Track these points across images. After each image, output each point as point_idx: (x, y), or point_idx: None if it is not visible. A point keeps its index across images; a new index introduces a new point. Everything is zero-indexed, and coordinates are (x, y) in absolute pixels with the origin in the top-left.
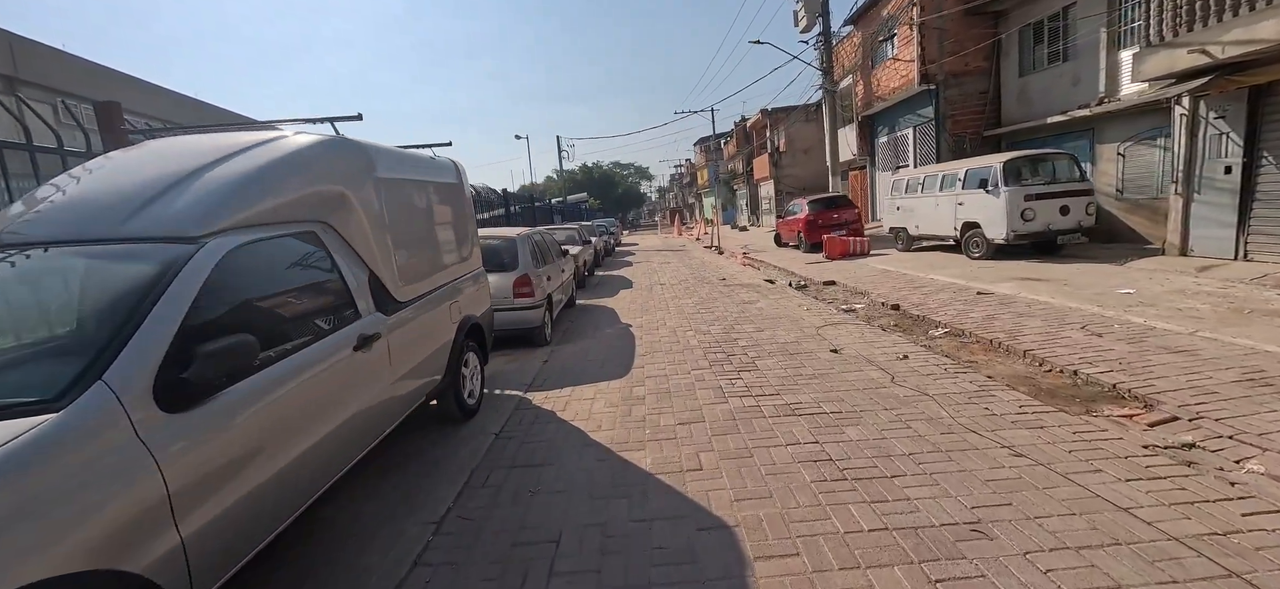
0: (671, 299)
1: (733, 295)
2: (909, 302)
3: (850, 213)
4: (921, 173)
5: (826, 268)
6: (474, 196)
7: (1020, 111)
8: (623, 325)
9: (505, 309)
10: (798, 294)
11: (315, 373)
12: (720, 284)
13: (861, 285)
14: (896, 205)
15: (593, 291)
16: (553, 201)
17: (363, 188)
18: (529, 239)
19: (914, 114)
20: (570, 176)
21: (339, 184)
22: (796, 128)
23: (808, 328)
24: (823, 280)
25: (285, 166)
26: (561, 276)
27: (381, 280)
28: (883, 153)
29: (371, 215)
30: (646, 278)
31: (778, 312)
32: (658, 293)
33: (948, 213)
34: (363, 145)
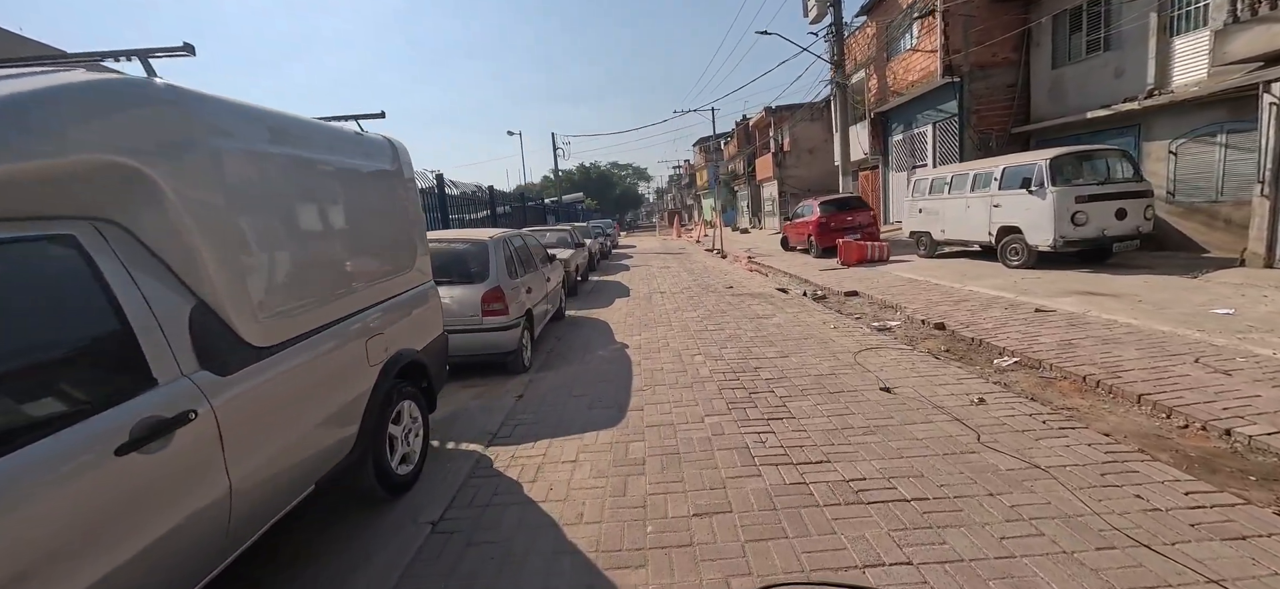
0: (674, 311)
1: (743, 307)
2: (954, 320)
3: (865, 215)
4: (948, 171)
5: (843, 275)
6: (456, 196)
7: (1052, 107)
8: (617, 345)
9: (471, 329)
10: (817, 307)
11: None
12: (727, 293)
13: (889, 297)
14: (918, 208)
15: (585, 300)
16: (547, 201)
17: (182, 163)
18: (504, 243)
19: (934, 109)
20: (567, 177)
21: (130, 155)
22: (801, 126)
23: (841, 352)
24: (843, 290)
25: (13, 121)
26: (546, 287)
27: (222, 315)
28: (897, 152)
29: (202, 208)
30: (645, 285)
31: (800, 329)
32: (658, 303)
33: (980, 216)
34: (185, 94)
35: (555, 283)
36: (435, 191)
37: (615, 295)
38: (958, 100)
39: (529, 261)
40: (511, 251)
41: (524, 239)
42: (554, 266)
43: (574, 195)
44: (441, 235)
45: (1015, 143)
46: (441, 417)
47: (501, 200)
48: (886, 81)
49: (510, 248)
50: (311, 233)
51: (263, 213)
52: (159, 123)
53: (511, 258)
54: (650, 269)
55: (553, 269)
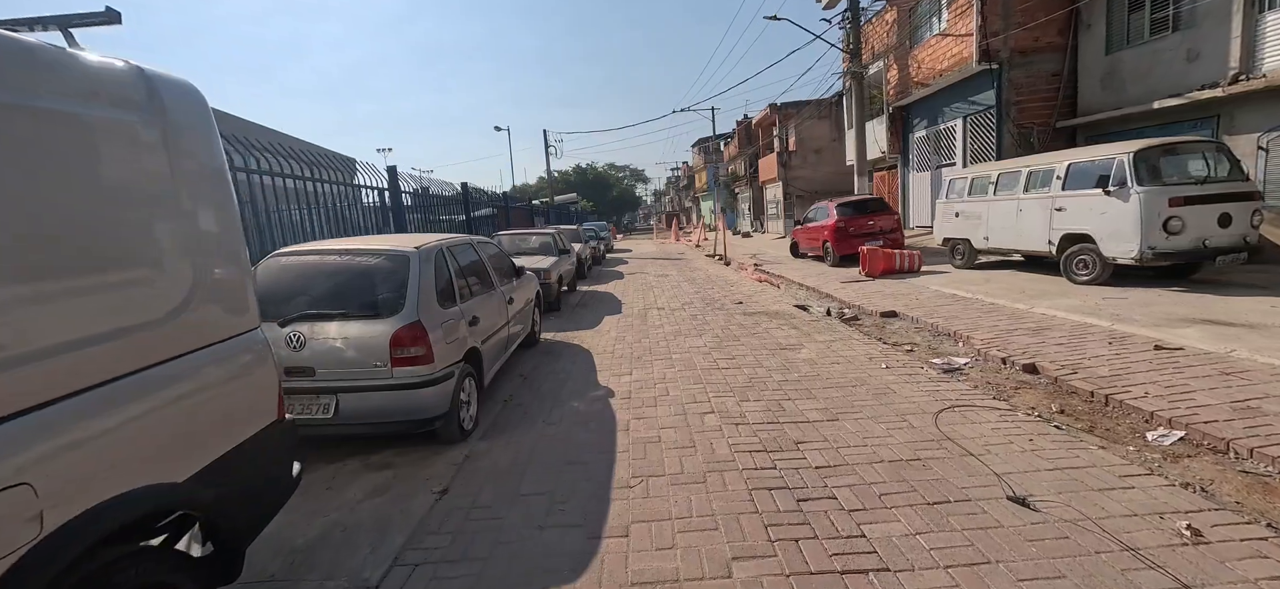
0: (674, 336)
1: (760, 332)
2: (1046, 358)
3: (888, 219)
4: (992, 169)
5: (870, 290)
6: (423, 195)
7: (1105, 97)
8: (600, 392)
9: (372, 386)
10: (853, 333)
11: None
12: (737, 310)
13: (940, 320)
14: (953, 211)
15: (569, 318)
16: (535, 203)
17: None
18: (438, 257)
19: (966, 102)
20: (563, 178)
21: None
22: (808, 125)
23: (913, 412)
24: (878, 310)
25: None
26: (506, 312)
27: None
28: (919, 149)
29: None
30: (640, 298)
31: (841, 368)
32: (655, 323)
33: (1036, 221)
34: None
35: (523, 304)
36: (386, 191)
37: (605, 312)
38: (996, 90)
39: (479, 280)
40: (449, 269)
41: (476, 249)
42: (523, 283)
43: (567, 196)
44: (340, 245)
45: (1059, 138)
46: (311, 538)
47: (482, 201)
48: (908, 72)
49: (447, 263)
50: None
51: None
52: None
53: (448, 278)
54: (646, 277)
55: (521, 286)
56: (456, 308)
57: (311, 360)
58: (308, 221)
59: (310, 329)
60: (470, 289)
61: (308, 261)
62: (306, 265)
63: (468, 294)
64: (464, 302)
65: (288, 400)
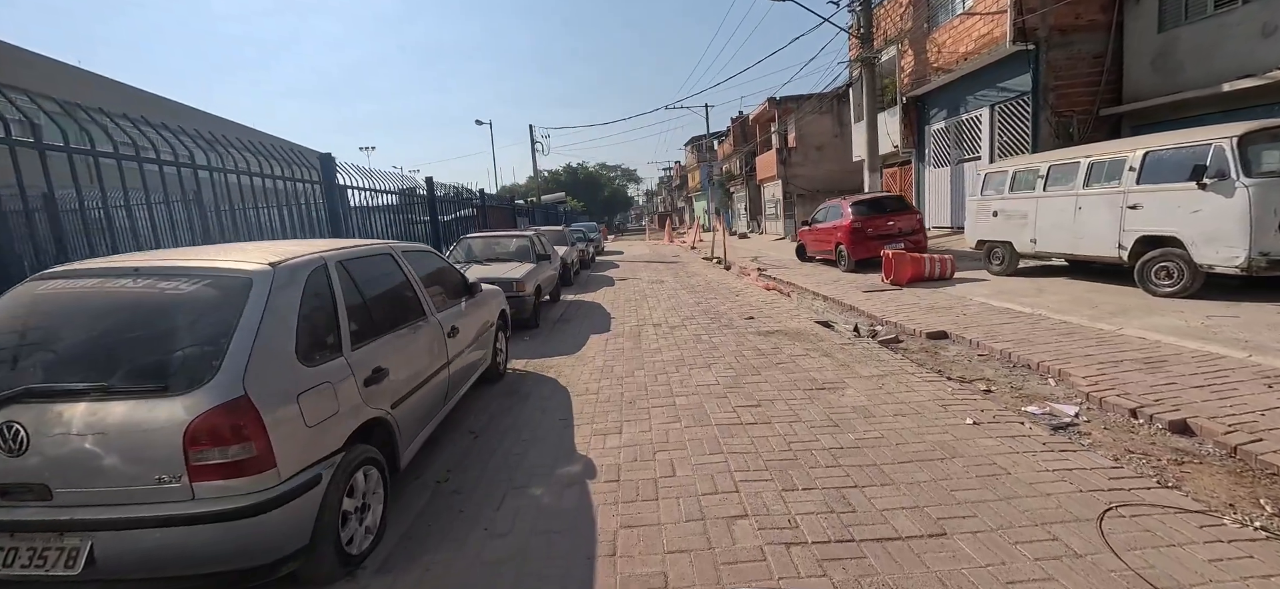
0: (675, 368)
1: (784, 360)
2: (1195, 409)
3: (909, 219)
4: (1040, 162)
5: (902, 301)
6: (370, 191)
7: (1158, 80)
8: (575, 468)
9: (164, 518)
10: (900, 361)
11: None
12: (748, 328)
13: (1006, 344)
14: (990, 210)
15: (547, 339)
16: (520, 202)
17: None
18: (308, 276)
19: (994, 88)
20: (553, 177)
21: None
22: (809, 120)
23: (1053, 516)
24: (921, 329)
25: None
26: (441, 353)
27: None
28: (937, 143)
29: None
30: (632, 310)
31: (912, 427)
32: (650, 344)
33: (1102, 220)
34: None
35: (479, 329)
36: (317, 184)
37: (591, 329)
38: (1032, 73)
39: (397, 308)
40: (334, 296)
41: (399, 262)
42: (478, 303)
43: (555, 195)
44: (142, 260)
45: (1102, 128)
46: None
47: (457, 202)
48: (925, 58)
49: (331, 288)
50: None
51: None
52: None
53: (328, 313)
54: (639, 284)
55: (474, 308)
56: (340, 361)
57: (44, 472)
58: (201, 223)
59: (40, 417)
60: (376, 325)
61: (80, 291)
62: (76, 298)
63: (370, 333)
64: (360, 347)
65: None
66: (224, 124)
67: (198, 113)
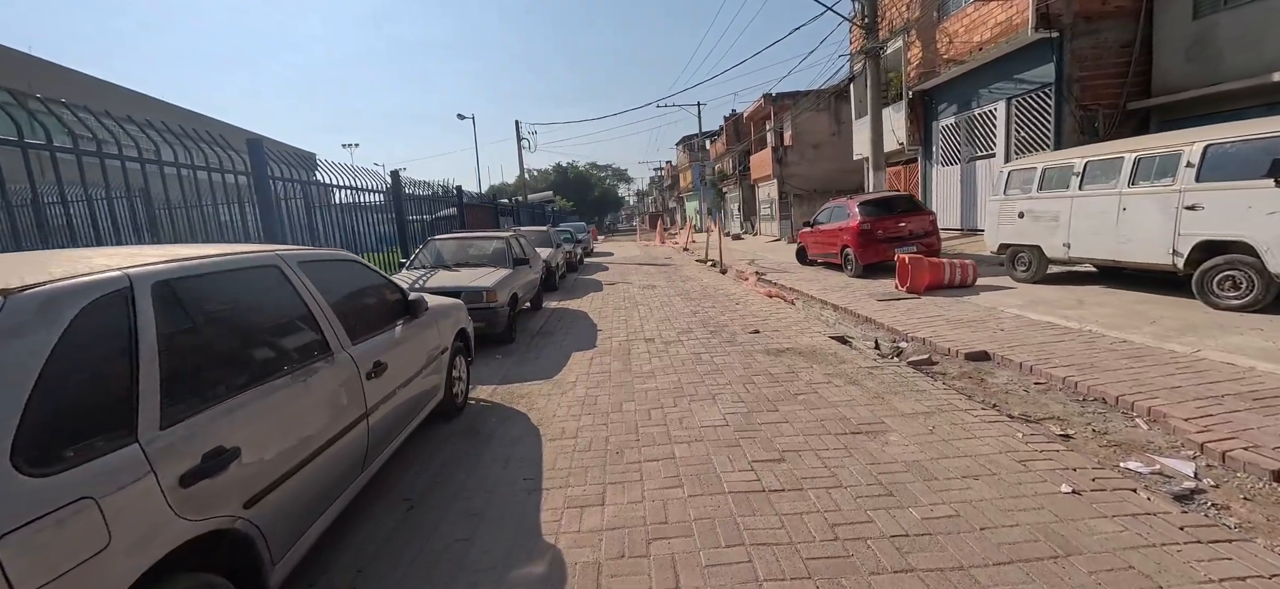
0: (672, 400)
1: (803, 390)
2: None
3: (922, 220)
4: (1074, 157)
5: (923, 312)
6: (312, 182)
7: (1193, 71)
8: (531, 577)
9: None
10: (943, 391)
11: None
12: (753, 345)
13: (1066, 370)
14: (1016, 210)
15: (522, 355)
16: (504, 201)
17: None
18: (101, 311)
19: (1012, 80)
20: (542, 177)
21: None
22: (806, 118)
23: None
24: (956, 349)
25: None
26: (355, 404)
27: None
28: (945, 139)
29: None
30: (622, 321)
31: (990, 495)
32: (642, 366)
33: (1152, 223)
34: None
35: (422, 363)
36: (247, 174)
37: (574, 345)
38: (1056, 63)
39: (286, 349)
40: (122, 341)
41: (288, 274)
42: (424, 324)
43: (542, 194)
44: None
45: (1130, 123)
46: None
47: (431, 200)
48: (934, 49)
49: (134, 322)
50: None
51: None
52: None
53: (120, 369)
54: (630, 289)
55: (417, 333)
56: (128, 450)
57: None
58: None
59: None
60: (222, 377)
61: None
62: None
63: (208, 392)
64: (184, 419)
65: None
66: (184, 115)
67: (142, 97)
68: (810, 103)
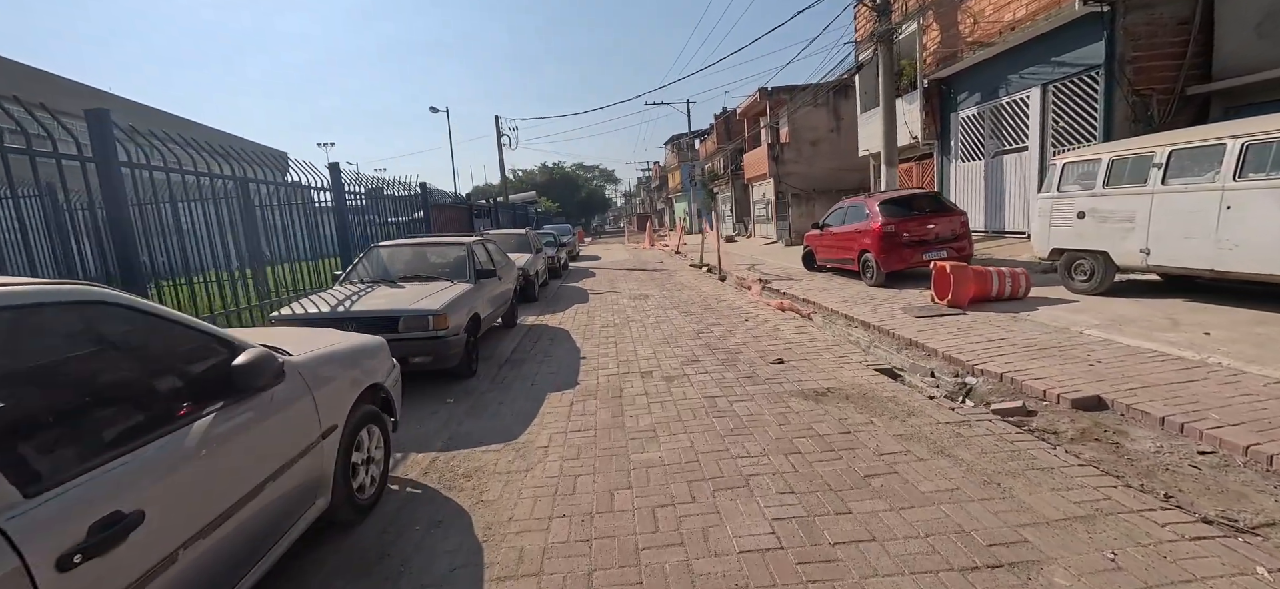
0: (685, 489)
1: (872, 464)
2: None
3: (952, 221)
4: (1153, 146)
5: (979, 332)
6: (201, 172)
7: (1265, 51)
8: None
9: None
10: (1081, 471)
11: None
12: (780, 380)
13: (1237, 429)
14: (1073, 209)
15: (478, 402)
16: (482, 202)
17: None
18: None
19: (1048, 63)
20: (527, 177)
21: None
22: (803, 113)
23: None
24: (1062, 393)
25: None
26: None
27: None
28: (967, 132)
29: None
30: (610, 344)
31: None
32: (638, 420)
33: (1272, 224)
34: None
35: (245, 477)
36: (88, 159)
37: (550, 380)
38: (1105, 42)
39: None
40: None
41: None
42: (262, 413)
43: (525, 194)
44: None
45: (1188, 110)
46: None
47: (383, 197)
48: (956, 31)
49: None
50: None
51: None
52: None
53: None
54: (619, 301)
55: (240, 432)
56: None
57: None
58: None
59: None
60: None
61: None
62: None
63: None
64: None
65: None
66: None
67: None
68: (808, 97)
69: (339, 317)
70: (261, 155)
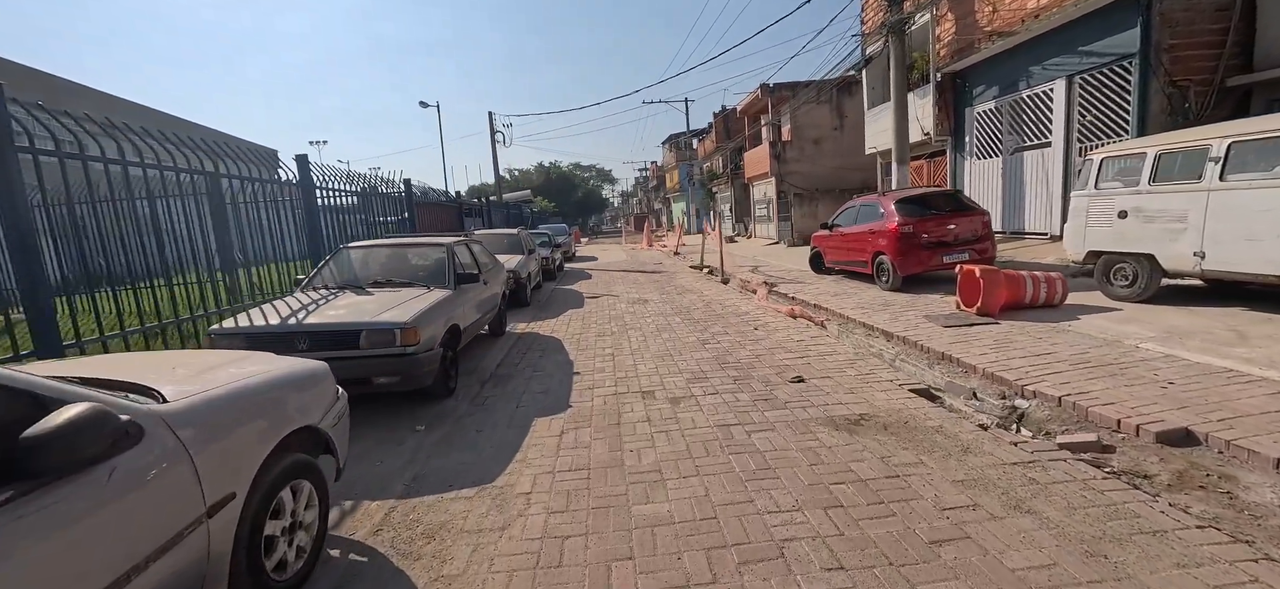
0: (701, 554)
1: (932, 522)
2: None
3: (974, 220)
4: (1211, 138)
5: (1018, 344)
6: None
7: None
8: None
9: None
10: (1221, 545)
11: None
12: (802, 403)
13: None
14: (1115, 209)
15: (452, 430)
16: (474, 201)
17: None
18: None
19: (1075, 53)
20: (524, 177)
21: None
22: (806, 110)
23: None
24: (1144, 424)
25: None
26: None
27: None
28: (983, 128)
29: None
30: (607, 356)
31: None
32: (639, 459)
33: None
34: None
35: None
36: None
37: (538, 401)
38: (1140, 29)
39: None
40: None
41: None
42: (88, 510)
43: (519, 193)
44: None
45: (1227, 102)
46: None
47: (371, 199)
48: (972, 21)
49: None
50: None
51: None
52: None
53: None
54: (617, 306)
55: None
56: None
57: None
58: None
59: None
60: None
61: None
62: None
63: None
64: None
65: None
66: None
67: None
68: (812, 94)
69: (288, 331)
70: (251, 153)
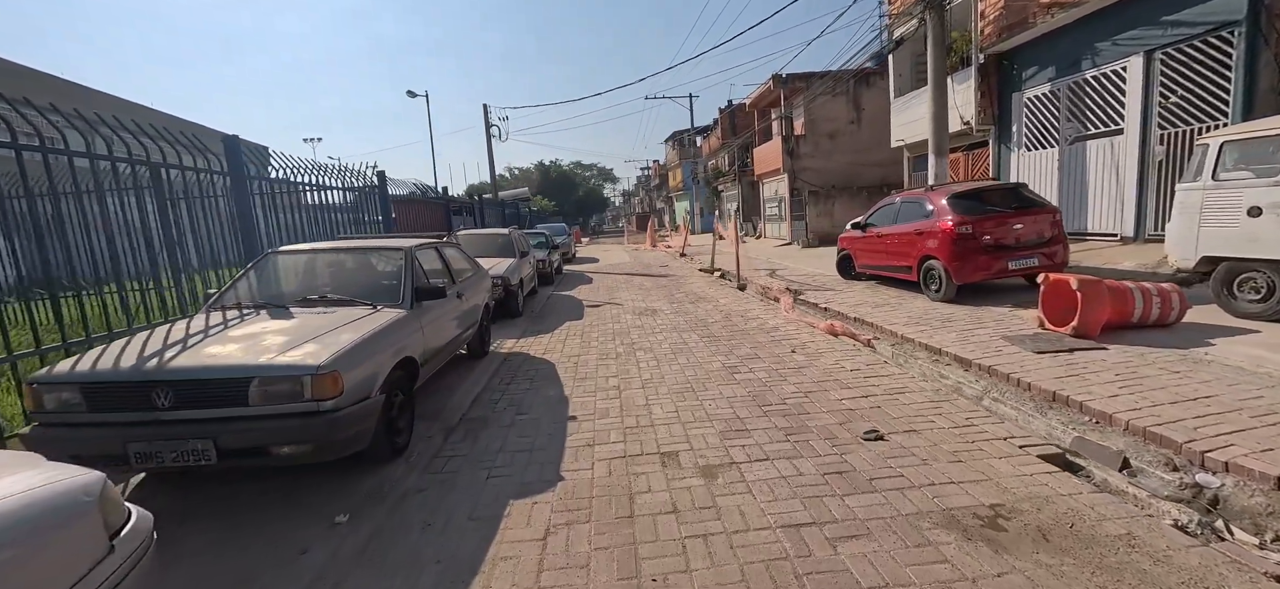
0: None
1: None
2: None
3: (1041, 219)
4: None
5: (1152, 378)
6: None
7: None
8: None
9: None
10: None
11: None
12: (891, 478)
13: None
14: (1243, 205)
15: (392, 517)
16: (470, 198)
17: None
18: None
19: (1157, 24)
20: (524, 176)
21: None
22: (820, 103)
23: None
24: None
25: None
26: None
27: None
28: (1034, 115)
29: None
30: (613, 392)
31: None
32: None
33: None
34: None
35: None
36: None
37: (518, 473)
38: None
39: None
40: None
41: None
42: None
43: (517, 191)
44: None
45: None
46: None
47: (330, 192)
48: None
49: None
50: None
51: None
52: None
53: None
54: (621, 315)
55: None
56: None
57: None
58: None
59: None
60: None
61: None
62: None
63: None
64: None
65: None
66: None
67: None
68: (827, 86)
69: (142, 379)
70: (212, 140)
